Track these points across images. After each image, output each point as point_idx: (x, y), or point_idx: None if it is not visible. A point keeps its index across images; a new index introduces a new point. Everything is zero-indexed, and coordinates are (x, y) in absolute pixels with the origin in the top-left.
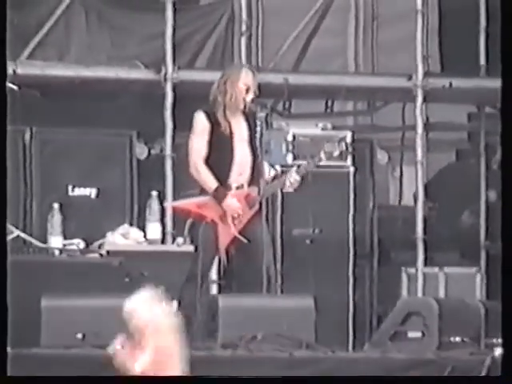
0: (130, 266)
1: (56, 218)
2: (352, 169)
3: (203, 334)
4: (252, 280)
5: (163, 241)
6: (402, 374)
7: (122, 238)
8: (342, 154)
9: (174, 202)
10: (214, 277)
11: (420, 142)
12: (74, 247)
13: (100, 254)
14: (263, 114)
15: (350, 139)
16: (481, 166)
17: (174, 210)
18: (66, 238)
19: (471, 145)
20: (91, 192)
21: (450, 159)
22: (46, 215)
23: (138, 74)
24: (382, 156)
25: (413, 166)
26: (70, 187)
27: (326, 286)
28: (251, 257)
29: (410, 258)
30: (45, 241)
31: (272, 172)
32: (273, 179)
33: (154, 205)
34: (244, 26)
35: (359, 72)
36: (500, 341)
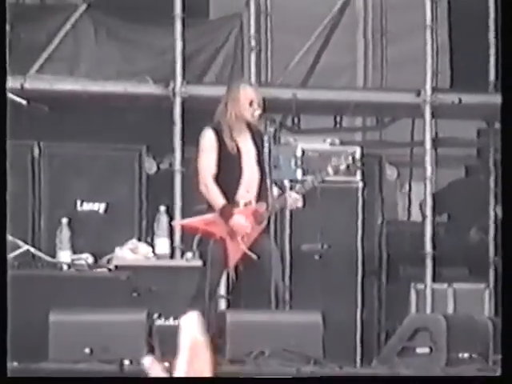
0: (138, 280)
1: (64, 233)
2: (361, 184)
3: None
4: (260, 296)
5: (172, 256)
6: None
7: (131, 253)
8: (349, 167)
9: (181, 221)
10: (223, 292)
11: (429, 158)
12: (83, 262)
13: (108, 269)
14: (272, 130)
15: (358, 155)
16: (490, 182)
17: (182, 228)
18: (74, 252)
19: (480, 161)
20: (100, 207)
21: (458, 175)
22: (54, 230)
23: (147, 88)
24: (390, 172)
25: (422, 182)
26: (78, 202)
27: (334, 302)
28: (259, 272)
29: (418, 273)
30: (53, 255)
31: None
32: (279, 196)
33: (163, 220)
34: (253, 42)
35: (368, 88)
36: None
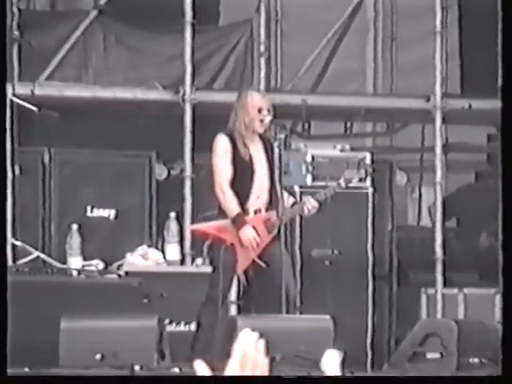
0: (148, 286)
1: (75, 239)
2: (371, 190)
3: (222, 354)
4: (271, 301)
5: (182, 262)
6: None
7: (141, 259)
8: (361, 181)
9: (192, 226)
10: (233, 298)
11: (439, 164)
12: (93, 268)
13: (119, 275)
14: (282, 136)
15: (369, 160)
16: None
17: (192, 233)
18: (85, 258)
19: (490, 166)
20: (110, 213)
21: (468, 180)
22: (64, 236)
23: (157, 95)
24: (400, 177)
25: (432, 187)
26: (88, 208)
27: (344, 307)
28: (270, 278)
29: (428, 278)
30: (64, 262)
31: (290, 198)
32: (292, 205)
33: (173, 226)
34: (263, 48)
35: (378, 93)
36: None
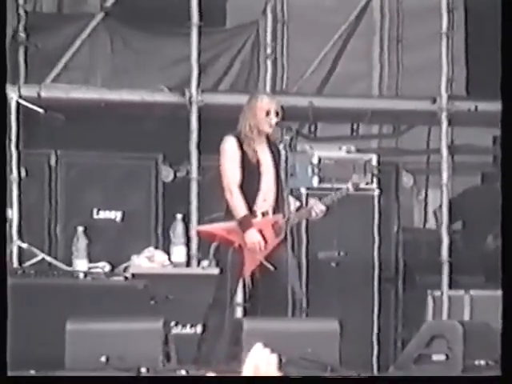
0: (154, 288)
1: (81, 241)
2: (377, 192)
3: (228, 356)
4: (277, 303)
5: (188, 264)
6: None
7: (147, 261)
8: (367, 185)
9: (200, 226)
10: (239, 300)
11: (445, 166)
12: (99, 270)
13: (125, 277)
14: (288, 138)
15: (375, 162)
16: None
17: (200, 234)
18: (90, 261)
19: (496, 168)
20: (116, 215)
21: (475, 182)
22: (70, 238)
23: (163, 97)
24: (407, 179)
25: (438, 189)
26: (95, 210)
27: (350, 309)
28: (276, 280)
29: (435, 280)
30: (70, 264)
31: (296, 202)
32: (298, 208)
33: (179, 228)
34: (269, 50)
35: (384, 95)
36: None
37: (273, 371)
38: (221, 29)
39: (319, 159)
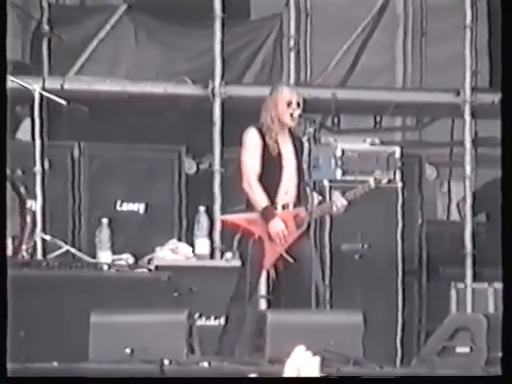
0: (178, 281)
1: (104, 233)
2: (400, 184)
3: (250, 348)
4: (301, 295)
5: (212, 256)
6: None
7: (171, 253)
8: (390, 182)
9: (224, 216)
10: (263, 292)
11: (468, 158)
12: (123, 262)
13: (149, 269)
14: (311, 130)
15: (398, 155)
16: None
17: (223, 224)
18: (114, 253)
19: None
20: (139, 207)
21: (498, 175)
22: (94, 230)
23: (187, 89)
24: (430, 171)
25: (461, 182)
26: (118, 202)
27: (374, 302)
28: (299, 273)
29: (458, 273)
30: (94, 256)
31: (318, 196)
32: (319, 202)
33: (203, 220)
34: (292, 42)
35: (407, 88)
36: None
37: (315, 374)
38: (244, 21)
39: (342, 151)
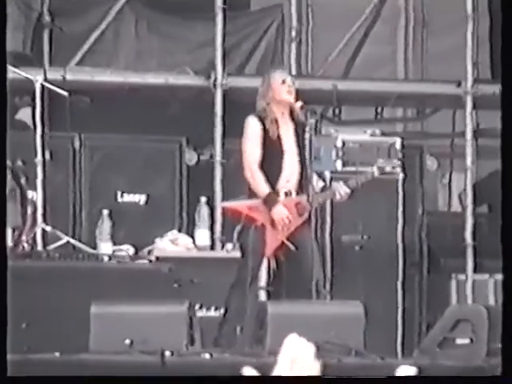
0: (179, 272)
1: (105, 225)
2: (401, 175)
3: (251, 340)
4: (301, 286)
5: (212, 247)
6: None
7: (171, 245)
8: (394, 169)
9: (225, 203)
10: (263, 283)
11: (470, 149)
12: (124, 253)
13: (149, 260)
14: (313, 121)
15: (399, 146)
16: None
17: (224, 211)
18: (115, 244)
19: None
20: (140, 198)
21: (499, 166)
22: (95, 221)
23: (188, 80)
24: (431, 162)
25: (462, 173)
26: (119, 193)
27: (375, 293)
28: (300, 263)
29: (459, 264)
30: (94, 247)
31: (320, 182)
32: (322, 189)
33: (203, 211)
34: (294, 33)
35: (409, 79)
36: None
37: (311, 362)
38: (246, 12)
39: (343, 142)
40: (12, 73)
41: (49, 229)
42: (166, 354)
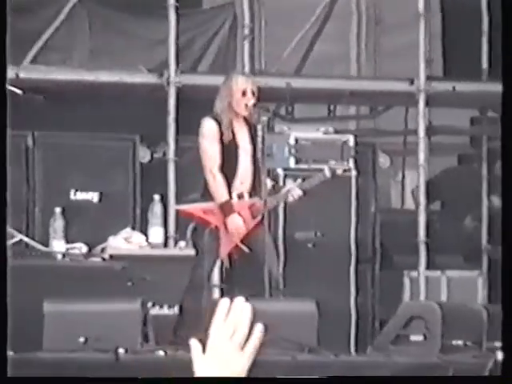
0: (132, 270)
1: (58, 222)
2: (354, 173)
3: (206, 338)
4: (254, 284)
5: (165, 245)
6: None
7: (125, 242)
8: (345, 171)
9: (179, 206)
10: (217, 281)
11: (422, 146)
12: (77, 251)
13: (102, 258)
14: (265, 118)
15: (352, 143)
16: (483, 171)
17: (178, 214)
18: (68, 242)
19: (473, 149)
20: (94, 196)
21: (452, 163)
22: (48, 219)
23: (141, 78)
24: (384, 160)
25: (415, 170)
26: (72, 191)
27: (328, 290)
28: (253, 261)
29: (412, 261)
30: (47, 245)
31: (272, 182)
32: (274, 188)
33: (157, 209)
34: (247, 31)
35: (361, 76)
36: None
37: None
38: (198, 10)
39: (296, 140)
40: None
41: None
42: (120, 351)
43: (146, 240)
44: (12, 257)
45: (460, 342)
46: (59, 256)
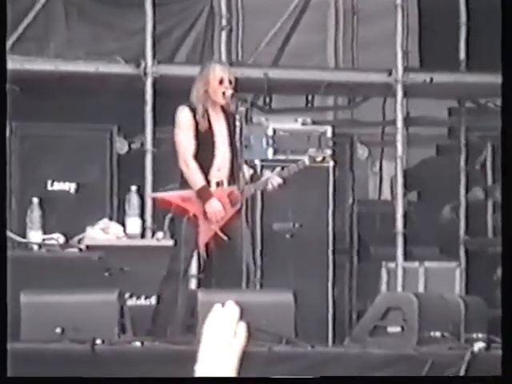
0: (109, 260)
1: (35, 213)
2: (332, 164)
3: (182, 328)
4: (231, 275)
5: (143, 235)
6: (381, 369)
7: (102, 233)
8: (324, 159)
9: (156, 194)
10: (194, 271)
11: (400, 137)
12: (54, 242)
13: (79, 249)
14: (243, 109)
15: (330, 134)
16: (461, 162)
17: (155, 202)
18: (45, 232)
19: (451, 140)
20: (71, 187)
21: (430, 154)
22: (25, 210)
23: (118, 68)
24: (361, 151)
25: (393, 161)
26: (49, 182)
27: (305, 281)
28: (231, 251)
29: (389, 252)
30: (24, 236)
31: (251, 170)
32: (252, 177)
33: (134, 199)
34: (224, 21)
35: (339, 67)
36: (480, 336)
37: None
38: (175, 0)
39: (274, 131)
40: None
41: None
42: (97, 342)
43: (124, 231)
44: None
45: (438, 334)
46: (36, 247)
